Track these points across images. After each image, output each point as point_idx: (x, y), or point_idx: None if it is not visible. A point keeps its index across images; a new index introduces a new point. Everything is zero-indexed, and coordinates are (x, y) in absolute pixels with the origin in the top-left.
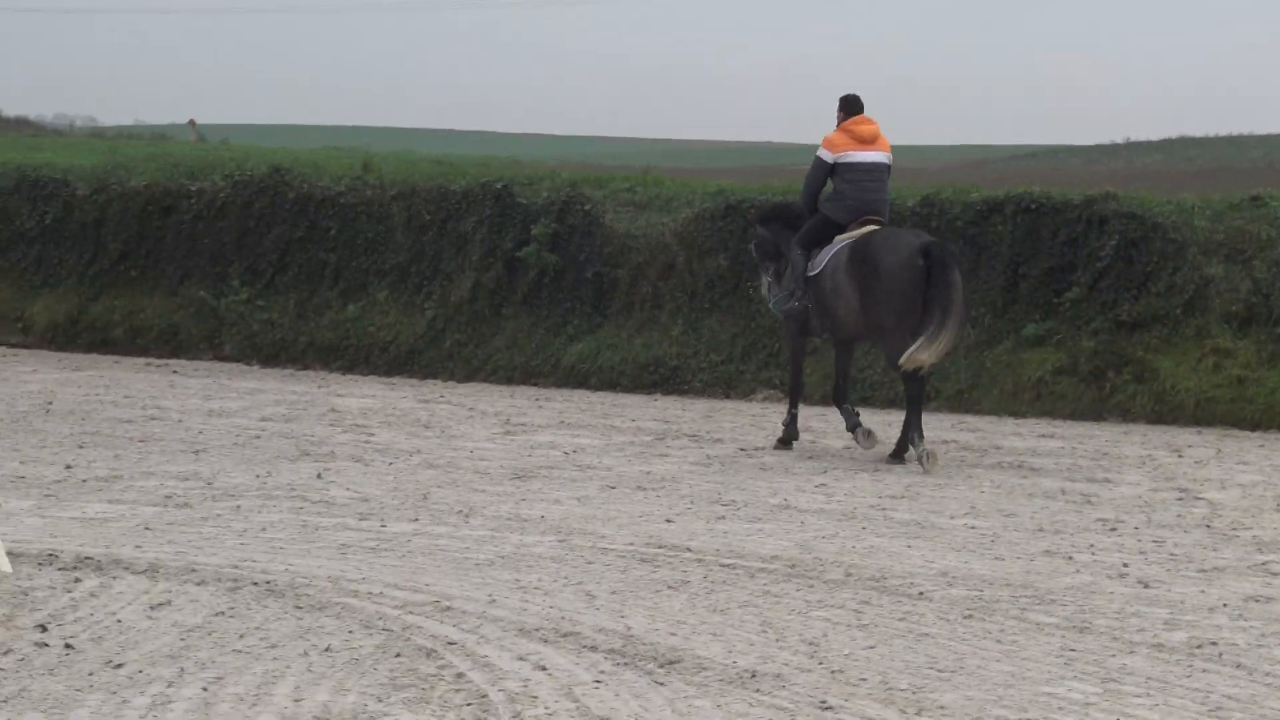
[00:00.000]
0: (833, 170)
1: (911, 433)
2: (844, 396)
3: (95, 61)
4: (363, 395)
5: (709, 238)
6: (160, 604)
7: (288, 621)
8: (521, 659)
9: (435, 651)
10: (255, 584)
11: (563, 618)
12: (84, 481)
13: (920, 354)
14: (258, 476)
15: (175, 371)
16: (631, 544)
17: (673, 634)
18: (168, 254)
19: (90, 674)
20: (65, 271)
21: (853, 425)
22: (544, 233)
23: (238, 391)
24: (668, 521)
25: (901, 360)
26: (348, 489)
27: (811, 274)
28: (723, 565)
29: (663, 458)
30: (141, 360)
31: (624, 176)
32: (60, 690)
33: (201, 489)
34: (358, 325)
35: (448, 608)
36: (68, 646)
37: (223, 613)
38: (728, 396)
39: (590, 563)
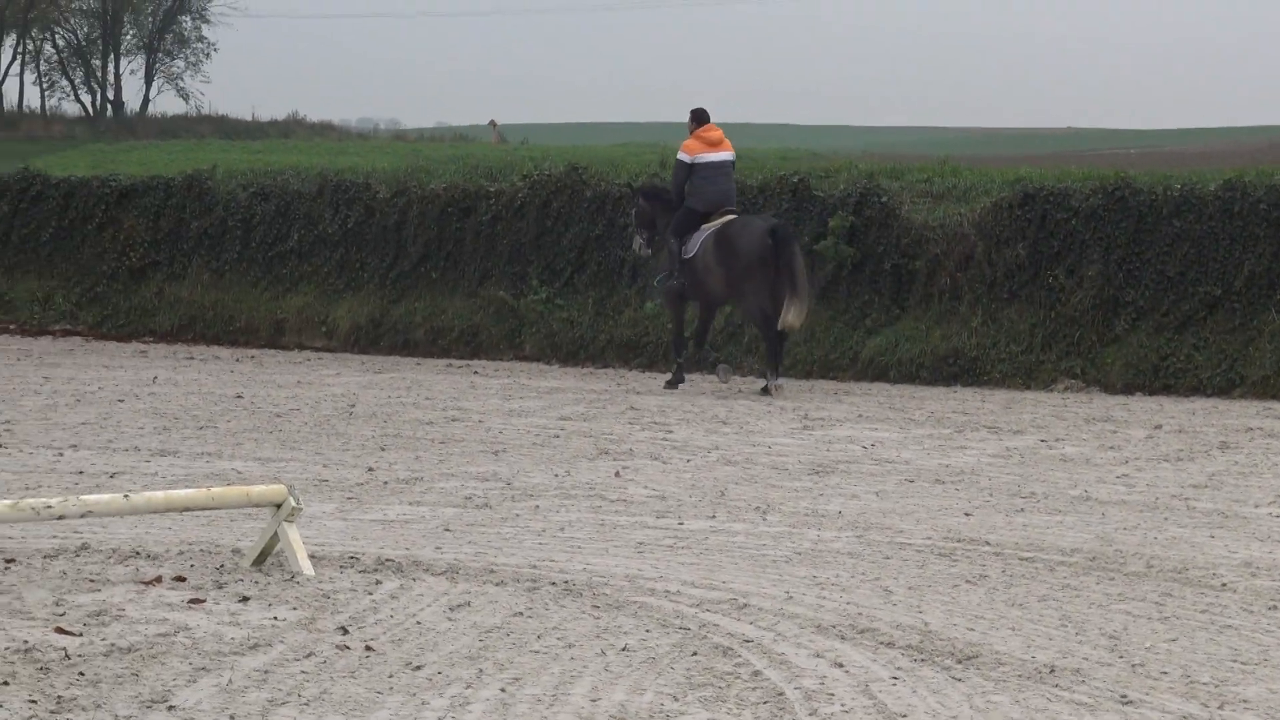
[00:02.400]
0: (691, 169)
1: (772, 367)
2: (703, 342)
3: (399, 65)
4: (662, 392)
5: (1007, 227)
6: (459, 605)
7: (585, 621)
8: (818, 656)
9: (732, 649)
10: (553, 584)
11: (860, 614)
12: (385, 484)
13: (791, 319)
14: (556, 476)
15: (476, 372)
16: (929, 538)
17: (971, 629)
18: (467, 255)
19: (390, 676)
20: (367, 275)
21: (712, 363)
22: (841, 225)
23: (537, 391)
24: (966, 515)
25: (780, 326)
26: (646, 487)
27: (686, 257)
28: (1022, 559)
29: (961, 450)
30: (443, 361)
31: (921, 167)
32: (360, 692)
33: (501, 489)
34: (656, 322)
35: (744, 605)
36: (368, 649)
37: (521, 613)
38: (1028, 387)
39: (888, 558)
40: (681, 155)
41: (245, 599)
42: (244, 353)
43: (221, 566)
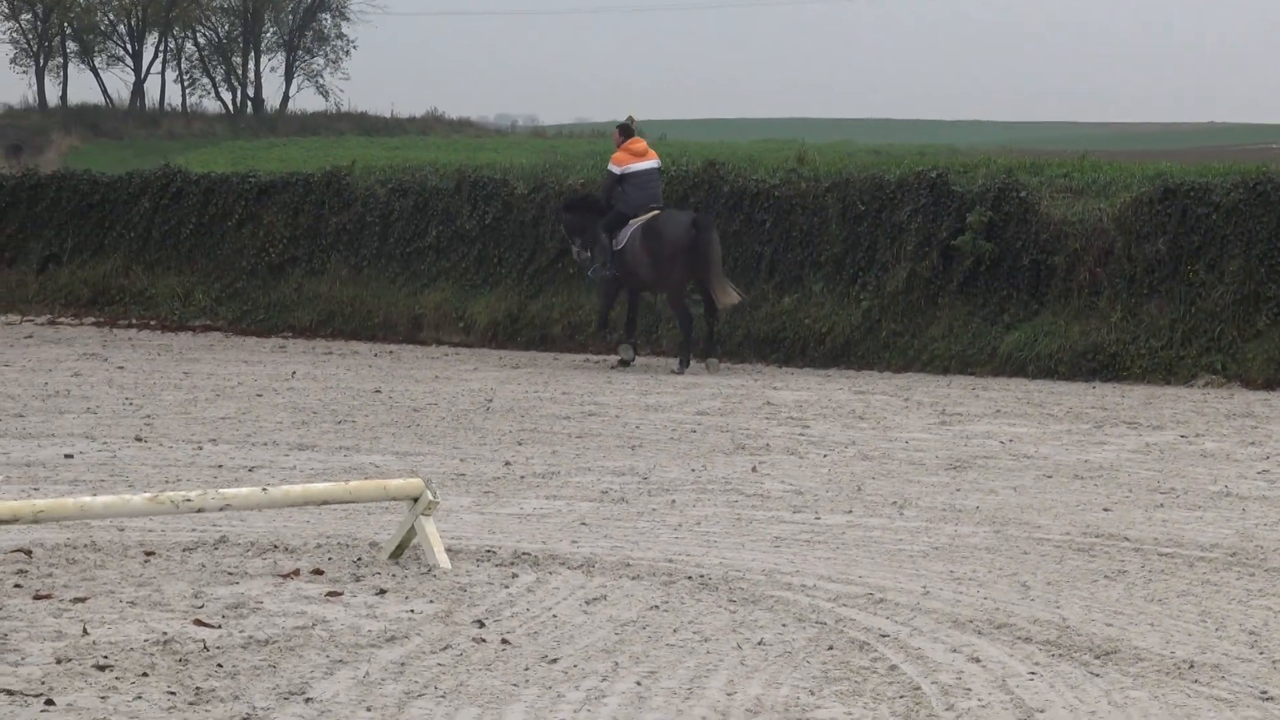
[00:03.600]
0: (621, 179)
1: (702, 345)
2: (634, 330)
3: (537, 62)
4: (798, 387)
5: (1147, 222)
6: (595, 599)
7: (721, 615)
8: (955, 651)
9: (868, 644)
10: (689, 578)
11: (997, 609)
12: (522, 478)
13: (721, 298)
14: (693, 470)
15: (612, 367)
16: (1068, 533)
17: (1109, 624)
18: None
19: (526, 669)
20: (505, 270)
21: (618, 341)
22: (979, 220)
23: (674, 386)
24: (1105, 510)
25: (720, 307)
26: (782, 481)
27: (617, 249)
28: (1161, 554)
29: (1100, 445)
30: (579, 357)
31: (1060, 162)
32: (496, 685)
33: (637, 484)
34: (793, 317)
35: (881, 600)
36: (504, 642)
37: (657, 607)
38: (1167, 383)
39: (1025, 553)
40: (612, 167)
41: (382, 592)
42: (382, 348)
43: (359, 560)
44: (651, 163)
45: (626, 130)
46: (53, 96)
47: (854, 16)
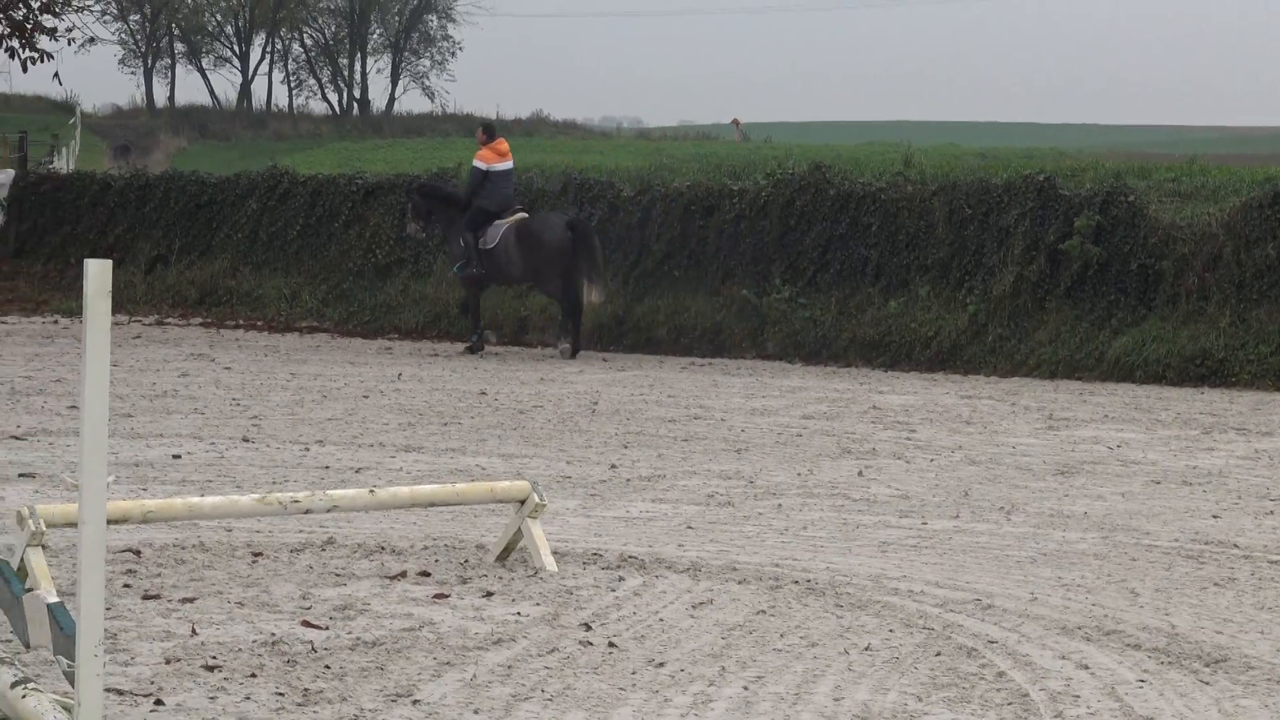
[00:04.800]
0: (486, 176)
1: (571, 338)
2: (479, 320)
3: (641, 64)
4: (904, 391)
5: (1257, 227)
6: (702, 603)
7: (828, 620)
8: (1063, 658)
9: (976, 650)
10: (796, 582)
11: (1105, 615)
12: (628, 481)
13: (594, 297)
14: (799, 474)
15: (719, 370)
16: (1176, 540)
17: (1219, 632)
18: (710, 253)
19: (633, 672)
20: (611, 272)
21: (482, 334)
22: (1087, 225)
23: (780, 389)
24: (1214, 517)
25: (586, 304)
26: (889, 486)
27: (488, 248)
28: (1271, 562)
29: (1209, 452)
30: (685, 360)
31: (1169, 166)
32: (603, 689)
33: (743, 487)
34: (899, 321)
35: (988, 606)
36: (611, 645)
37: (764, 611)
38: (1277, 389)
39: (1134, 560)
40: (479, 164)
41: (489, 594)
42: (487, 350)
43: (465, 562)
44: (510, 163)
45: (491, 130)
46: (160, 97)
47: (958, 19)
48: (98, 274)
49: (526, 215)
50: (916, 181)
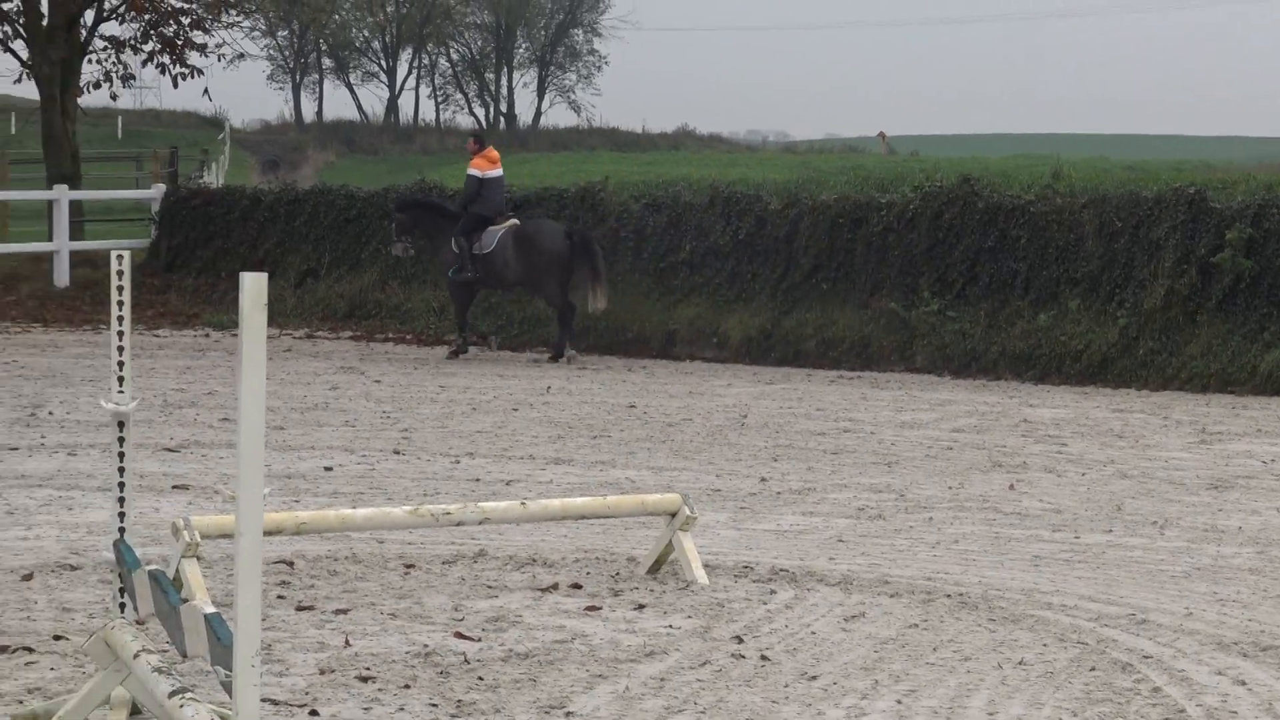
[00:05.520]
0: (481, 183)
1: (557, 342)
2: (466, 324)
3: (787, 78)
4: (1055, 405)
5: None
6: (854, 616)
7: (981, 634)
8: (1220, 673)
9: (1130, 665)
10: (948, 596)
11: (1262, 631)
12: (778, 494)
13: (599, 303)
14: (950, 488)
15: (867, 383)
16: None
17: None
18: (858, 266)
19: (785, 686)
20: (758, 286)
21: (466, 339)
22: (1239, 238)
23: (929, 403)
24: None
25: (591, 310)
26: (1040, 500)
27: (484, 252)
28: None
29: None
30: (833, 373)
31: None
32: (756, 702)
33: (894, 501)
34: (1049, 334)
35: (1143, 620)
36: (763, 658)
37: (916, 625)
38: None
39: None
40: (474, 172)
41: (641, 607)
42: (635, 362)
43: (617, 574)
44: (501, 171)
45: (481, 139)
46: (308, 113)
47: (1103, 33)
48: (253, 287)
49: (518, 221)
50: (1066, 194)
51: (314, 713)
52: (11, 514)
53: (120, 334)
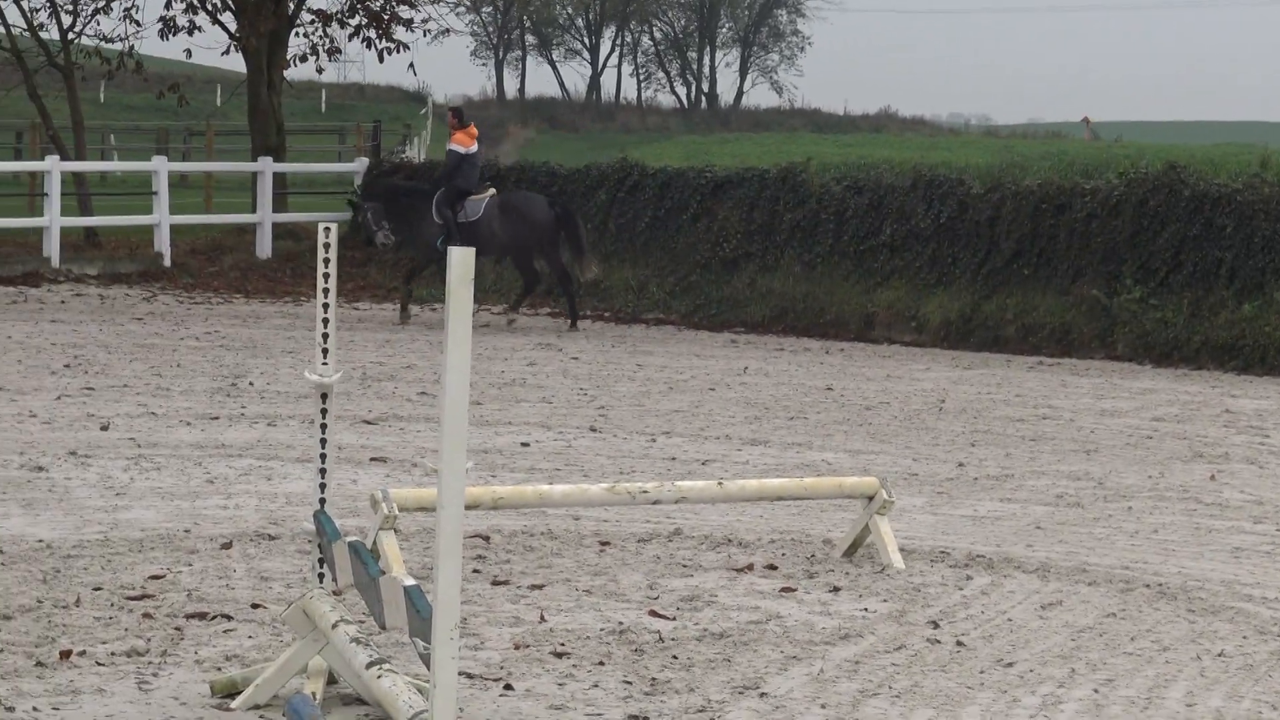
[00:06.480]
0: (462, 158)
1: (574, 309)
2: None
3: (990, 61)
4: (1258, 396)
5: None
6: (1051, 604)
7: (1180, 625)
8: None
9: None
10: (1147, 586)
11: None
12: (975, 480)
13: (592, 271)
14: (1149, 477)
15: (1067, 370)
16: None
17: None
18: (1060, 253)
19: (981, 672)
20: (959, 270)
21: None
22: None
23: (1129, 391)
24: None
25: (585, 278)
26: (1242, 491)
27: (469, 220)
28: None
29: None
30: (1033, 359)
31: None
32: (951, 687)
33: (1092, 489)
34: (1254, 325)
35: None
36: (959, 644)
37: (1113, 614)
38: None
39: None
40: (457, 148)
41: (836, 590)
42: (833, 345)
43: (812, 556)
44: (478, 147)
45: (461, 115)
46: (510, 89)
47: None
48: (461, 262)
49: (495, 192)
50: (1273, 183)
51: (509, 686)
52: (212, 483)
53: (325, 306)
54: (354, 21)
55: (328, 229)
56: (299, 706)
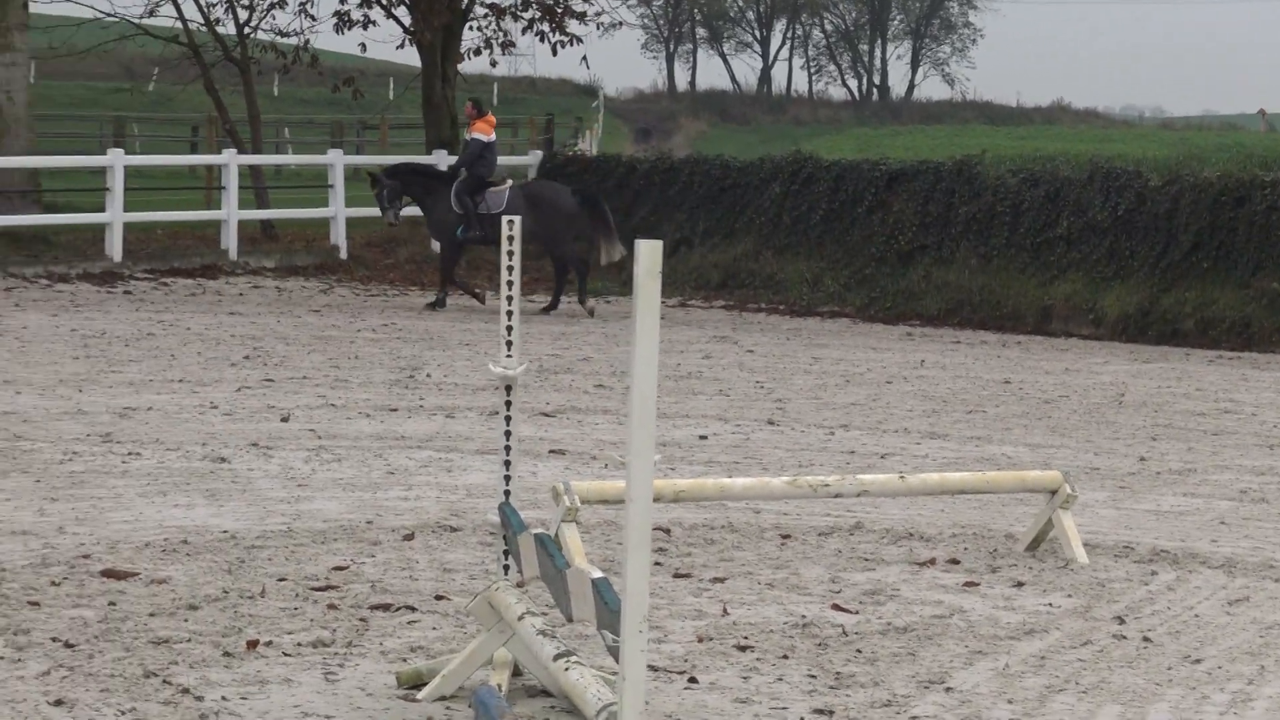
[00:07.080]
0: (485, 147)
1: (585, 295)
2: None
3: (1163, 52)
4: None
5: None
6: (1238, 600)
7: None
8: None
9: None
10: None
11: None
12: (1157, 474)
13: (616, 255)
14: None
15: (1248, 364)
16: None
17: None
18: (1240, 245)
19: (1168, 668)
20: (1137, 263)
21: (445, 294)
22: None
23: None
24: None
25: (606, 262)
26: None
27: (493, 212)
28: None
29: None
30: (1213, 353)
31: None
32: (1139, 683)
33: (1278, 484)
34: None
35: None
36: (1145, 639)
37: None
38: None
39: None
40: (479, 136)
41: (1019, 584)
42: (1010, 338)
43: (994, 551)
44: (495, 136)
45: (481, 105)
46: (681, 82)
47: None
48: (649, 254)
49: (512, 182)
50: None
51: (693, 680)
52: (392, 474)
53: (509, 299)
54: (528, 15)
55: (510, 223)
56: (486, 698)
